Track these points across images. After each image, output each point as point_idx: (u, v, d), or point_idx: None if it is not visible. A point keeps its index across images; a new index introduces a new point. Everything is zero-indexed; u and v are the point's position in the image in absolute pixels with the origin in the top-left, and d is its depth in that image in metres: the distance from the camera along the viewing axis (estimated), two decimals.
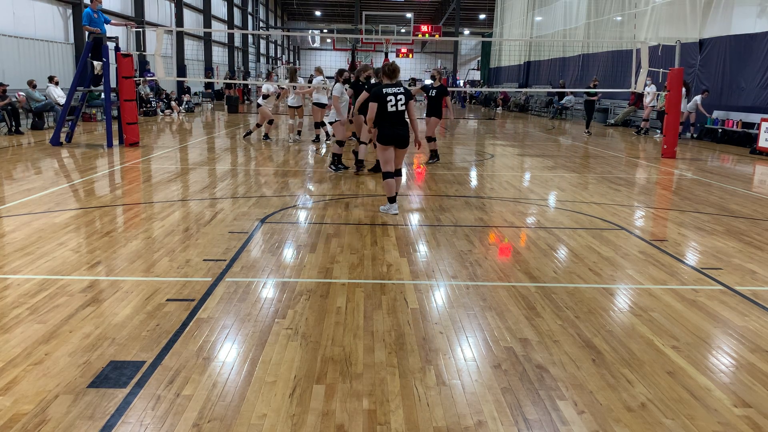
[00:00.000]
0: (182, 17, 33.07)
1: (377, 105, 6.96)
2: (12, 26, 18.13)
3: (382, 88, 7.04)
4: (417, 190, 8.96)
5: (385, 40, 24.37)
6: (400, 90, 7.06)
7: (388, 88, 7.03)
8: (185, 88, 29.34)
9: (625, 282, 4.96)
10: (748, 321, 4.17)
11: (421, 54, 70.87)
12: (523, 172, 11.09)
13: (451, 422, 2.86)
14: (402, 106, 7.02)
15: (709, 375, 3.39)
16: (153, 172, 10.00)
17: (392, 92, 6.98)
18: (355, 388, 3.14)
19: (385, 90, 7.00)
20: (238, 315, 4.05)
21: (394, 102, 6.96)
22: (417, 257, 5.50)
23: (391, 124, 7.01)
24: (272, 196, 8.15)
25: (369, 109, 7.02)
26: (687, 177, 10.75)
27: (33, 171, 9.77)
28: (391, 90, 7.00)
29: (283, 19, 71.90)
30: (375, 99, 6.98)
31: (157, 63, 13.61)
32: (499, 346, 3.67)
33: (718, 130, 17.15)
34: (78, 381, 3.14)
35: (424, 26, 31.47)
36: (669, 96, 13.29)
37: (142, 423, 2.79)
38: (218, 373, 3.27)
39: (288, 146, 14.12)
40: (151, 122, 20.25)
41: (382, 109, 6.97)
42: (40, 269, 4.87)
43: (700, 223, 7.14)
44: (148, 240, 5.83)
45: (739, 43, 16.94)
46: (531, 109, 32.69)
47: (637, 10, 22.71)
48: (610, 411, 2.99)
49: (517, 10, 39.31)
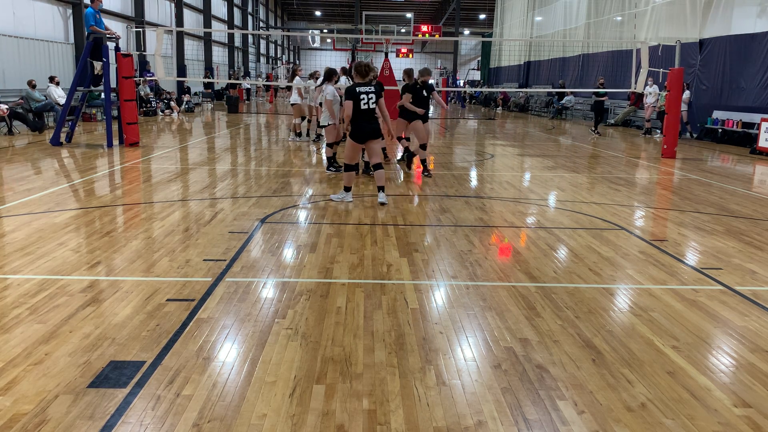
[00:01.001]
0: (182, 17, 33.07)
1: (352, 103, 7.37)
2: (12, 26, 18.13)
3: (356, 87, 7.46)
4: (417, 190, 8.96)
5: (385, 40, 24.35)
6: (371, 89, 7.53)
7: (361, 86, 7.47)
8: (185, 88, 29.34)
9: (625, 282, 4.96)
10: (748, 321, 4.17)
11: (422, 54, 70.89)
12: (523, 172, 11.08)
13: (451, 422, 2.86)
14: (373, 104, 7.50)
15: (709, 375, 3.39)
16: (153, 172, 10.01)
17: (365, 91, 7.45)
18: (355, 388, 3.14)
19: (359, 89, 7.44)
20: (238, 315, 4.05)
21: (366, 100, 7.44)
22: (417, 257, 5.50)
23: (364, 121, 7.51)
24: (272, 196, 8.15)
25: (345, 107, 7.44)
26: (687, 177, 10.75)
27: (33, 171, 9.77)
28: (364, 89, 7.46)
29: (283, 19, 71.91)
30: (350, 97, 7.39)
31: (157, 63, 13.62)
32: (499, 346, 3.67)
33: (718, 130, 17.15)
34: (78, 381, 3.14)
35: (424, 26, 31.41)
36: (669, 96, 13.29)
37: (142, 423, 2.79)
38: (218, 373, 3.27)
39: (288, 146, 14.12)
40: (151, 122, 20.25)
41: (356, 106, 7.41)
42: (40, 269, 4.87)
43: (700, 223, 7.14)
44: (148, 240, 5.83)
45: (739, 43, 16.94)
46: (531, 109, 32.69)
47: (637, 10, 22.70)
48: (610, 411, 2.99)
49: (517, 10, 39.30)
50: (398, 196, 8.35)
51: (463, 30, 63.48)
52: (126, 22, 24.03)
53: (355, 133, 7.56)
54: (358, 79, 7.54)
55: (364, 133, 7.57)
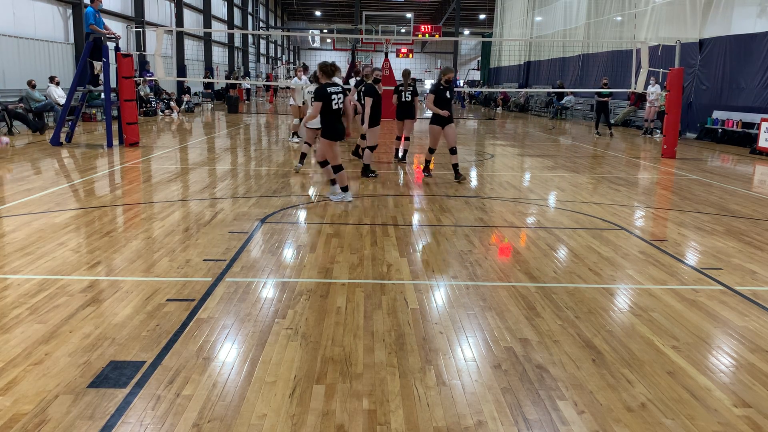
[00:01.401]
0: (182, 17, 33.07)
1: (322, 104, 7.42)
2: (12, 26, 18.13)
3: (326, 87, 7.48)
4: (417, 190, 8.96)
5: (385, 40, 24.34)
6: (338, 89, 7.62)
7: (330, 87, 7.50)
8: (185, 89, 29.34)
9: (625, 282, 4.96)
10: (748, 321, 4.17)
11: (421, 54, 70.87)
12: (523, 172, 11.08)
13: (451, 422, 2.86)
14: (341, 103, 7.62)
15: (709, 375, 3.39)
16: (153, 172, 10.00)
17: (334, 91, 7.51)
18: (355, 388, 3.14)
19: (329, 89, 7.49)
20: (238, 315, 4.05)
21: (336, 100, 7.52)
22: (417, 257, 5.50)
23: (336, 121, 7.61)
24: (272, 196, 8.15)
25: (314, 107, 7.47)
26: (687, 177, 10.75)
27: (33, 171, 9.77)
28: (333, 89, 7.51)
29: (283, 19, 71.90)
30: (321, 98, 7.43)
31: (157, 63, 13.61)
32: (499, 346, 3.67)
33: (718, 130, 17.15)
34: (78, 381, 3.14)
35: (424, 26, 31.36)
36: (669, 96, 13.29)
37: (142, 423, 2.79)
38: (218, 373, 3.27)
39: (288, 146, 14.12)
40: (151, 122, 20.24)
41: (328, 107, 7.46)
42: (40, 269, 4.87)
43: (700, 223, 7.14)
44: (148, 240, 5.83)
45: (739, 43, 16.94)
46: (531, 109, 32.68)
47: (637, 10, 22.70)
48: (610, 411, 2.99)
49: (517, 10, 39.30)
50: (398, 196, 8.35)
51: (463, 30, 63.46)
52: (126, 22, 24.03)
53: (330, 132, 7.59)
54: (325, 79, 7.50)
55: (339, 133, 7.65)
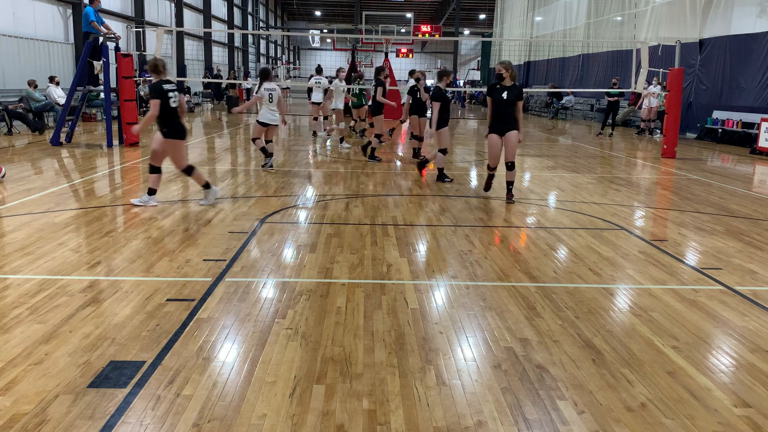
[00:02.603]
0: (182, 17, 33.07)
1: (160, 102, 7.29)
2: (12, 26, 18.13)
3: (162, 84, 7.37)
4: (417, 189, 8.96)
5: (385, 40, 24.36)
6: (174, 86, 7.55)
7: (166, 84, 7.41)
8: (185, 88, 29.32)
9: (625, 282, 4.96)
10: (748, 321, 4.17)
11: (421, 54, 70.87)
12: (523, 172, 11.07)
13: (451, 422, 2.86)
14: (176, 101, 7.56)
15: (709, 375, 3.39)
16: None
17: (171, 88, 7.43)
18: (355, 388, 3.14)
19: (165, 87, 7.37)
20: (238, 315, 4.05)
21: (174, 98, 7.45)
22: (417, 257, 5.50)
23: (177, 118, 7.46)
24: (272, 196, 8.15)
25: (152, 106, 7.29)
26: (687, 177, 10.75)
27: (33, 171, 9.77)
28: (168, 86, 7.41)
29: (283, 19, 71.90)
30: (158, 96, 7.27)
31: None
32: (499, 346, 3.67)
33: (718, 130, 17.15)
34: (78, 381, 3.14)
35: (424, 26, 31.39)
36: (669, 96, 13.29)
37: (142, 423, 2.79)
38: (218, 373, 3.27)
39: (288, 146, 14.12)
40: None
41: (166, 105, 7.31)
42: (40, 269, 4.87)
43: (700, 223, 7.14)
44: (148, 240, 5.83)
45: (739, 43, 16.94)
46: (531, 109, 32.68)
47: (637, 10, 22.70)
48: (610, 411, 2.99)
49: (517, 10, 39.30)
50: (398, 196, 8.35)
51: (463, 30, 63.47)
52: (126, 22, 24.04)
53: (175, 132, 7.39)
54: (157, 77, 7.40)
55: (183, 131, 7.45)
